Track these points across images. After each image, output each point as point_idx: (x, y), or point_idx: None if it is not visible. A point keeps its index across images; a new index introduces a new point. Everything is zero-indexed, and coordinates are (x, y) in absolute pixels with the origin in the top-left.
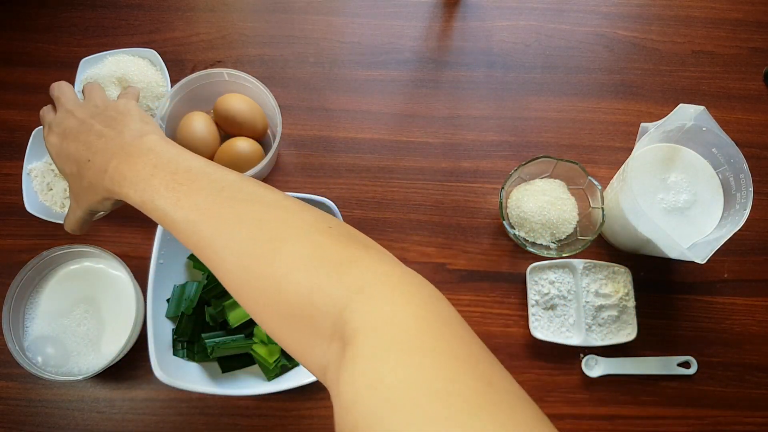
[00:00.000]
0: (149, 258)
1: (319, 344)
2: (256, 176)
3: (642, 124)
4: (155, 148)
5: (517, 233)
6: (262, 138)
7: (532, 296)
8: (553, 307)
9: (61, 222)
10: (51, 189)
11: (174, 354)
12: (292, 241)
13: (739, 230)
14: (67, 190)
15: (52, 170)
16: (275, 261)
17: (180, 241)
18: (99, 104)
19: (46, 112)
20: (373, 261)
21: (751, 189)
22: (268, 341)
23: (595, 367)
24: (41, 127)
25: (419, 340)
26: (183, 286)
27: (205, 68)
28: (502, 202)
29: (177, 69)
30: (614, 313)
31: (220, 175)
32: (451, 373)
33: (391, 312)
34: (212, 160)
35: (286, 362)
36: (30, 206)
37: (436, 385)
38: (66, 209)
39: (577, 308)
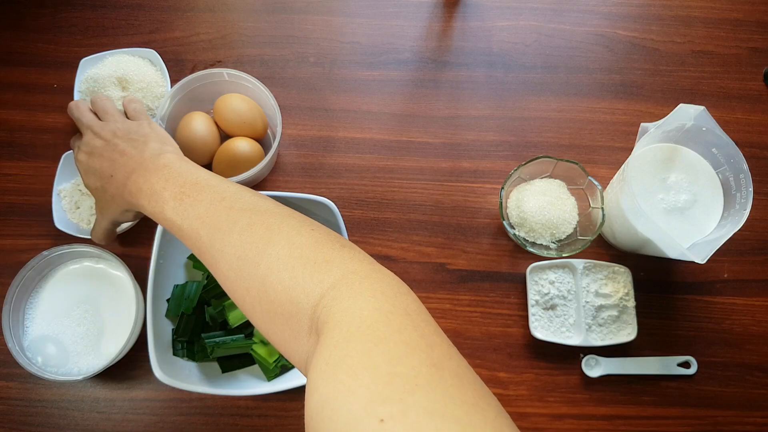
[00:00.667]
0: (149, 258)
1: (300, 339)
2: (256, 176)
3: (642, 124)
4: (169, 165)
5: (517, 233)
6: (262, 138)
7: (532, 296)
8: (553, 307)
9: (88, 237)
10: (78, 207)
11: (174, 354)
12: (276, 244)
13: (739, 230)
14: (93, 207)
15: (80, 190)
16: (260, 262)
17: (187, 246)
18: (120, 126)
19: (74, 138)
20: (345, 259)
21: (751, 189)
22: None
23: (595, 367)
24: (70, 152)
25: (376, 331)
26: (183, 286)
27: (205, 68)
28: (502, 202)
29: (177, 69)
30: (614, 313)
31: (223, 187)
32: (400, 358)
33: (356, 305)
34: (212, 160)
35: (286, 362)
36: (59, 223)
37: (382, 368)
38: (91, 225)
39: (577, 308)
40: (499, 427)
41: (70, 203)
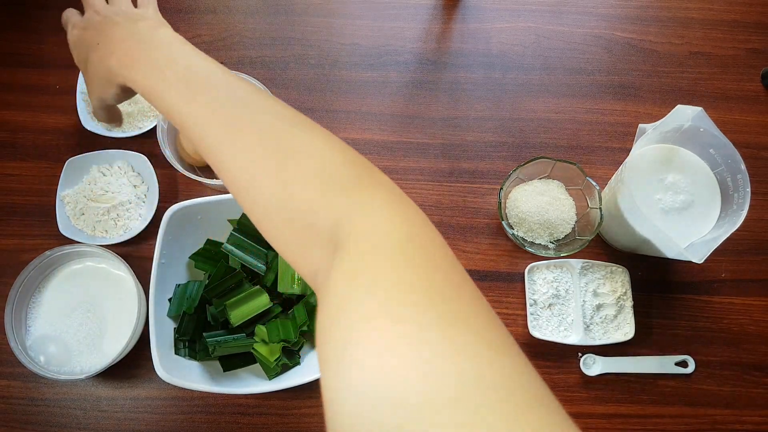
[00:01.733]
0: (151, 258)
1: (315, 250)
2: None
3: (640, 125)
4: (171, 42)
5: (515, 233)
6: None
7: (531, 295)
8: (551, 307)
9: (93, 242)
10: (83, 214)
11: (176, 353)
12: (305, 154)
13: (737, 230)
14: (99, 215)
15: (85, 197)
16: (285, 172)
17: (184, 134)
18: (124, 8)
19: (71, 13)
20: (379, 183)
21: (748, 189)
22: (269, 340)
23: (593, 366)
24: (73, 157)
25: (403, 248)
26: (185, 286)
27: None
28: (500, 203)
29: None
30: (612, 312)
31: (237, 83)
32: (423, 273)
33: (384, 224)
34: None
35: (287, 361)
36: (64, 229)
37: (403, 277)
38: (96, 232)
39: (575, 307)
40: (511, 343)
41: (74, 210)
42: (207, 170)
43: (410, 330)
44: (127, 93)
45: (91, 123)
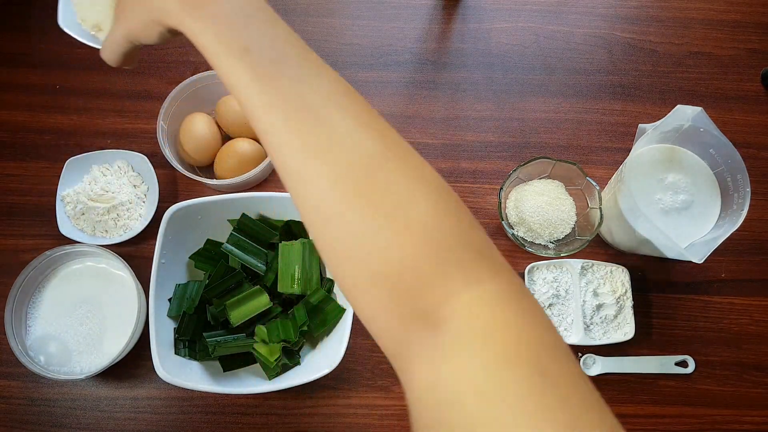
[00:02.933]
0: (151, 257)
1: (409, 323)
2: (257, 176)
3: (640, 125)
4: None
5: (515, 233)
6: None
7: None
8: (551, 307)
9: (94, 243)
10: (83, 214)
11: (176, 353)
12: (408, 207)
13: (737, 230)
14: (99, 215)
15: (85, 197)
16: (385, 224)
17: (248, 117)
18: None
19: None
20: (498, 267)
21: (748, 189)
22: (269, 340)
23: (593, 366)
24: (73, 157)
25: (513, 350)
26: (185, 286)
27: (208, 69)
28: (500, 203)
29: (179, 70)
30: (612, 312)
31: (326, 69)
32: (528, 387)
33: (497, 318)
34: (214, 160)
35: (287, 361)
36: (64, 230)
37: (519, 390)
38: (96, 232)
39: (575, 307)
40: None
41: (74, 210)
42: (207, 170)
43: None
44: (176, 36)
45: (70, 24)
